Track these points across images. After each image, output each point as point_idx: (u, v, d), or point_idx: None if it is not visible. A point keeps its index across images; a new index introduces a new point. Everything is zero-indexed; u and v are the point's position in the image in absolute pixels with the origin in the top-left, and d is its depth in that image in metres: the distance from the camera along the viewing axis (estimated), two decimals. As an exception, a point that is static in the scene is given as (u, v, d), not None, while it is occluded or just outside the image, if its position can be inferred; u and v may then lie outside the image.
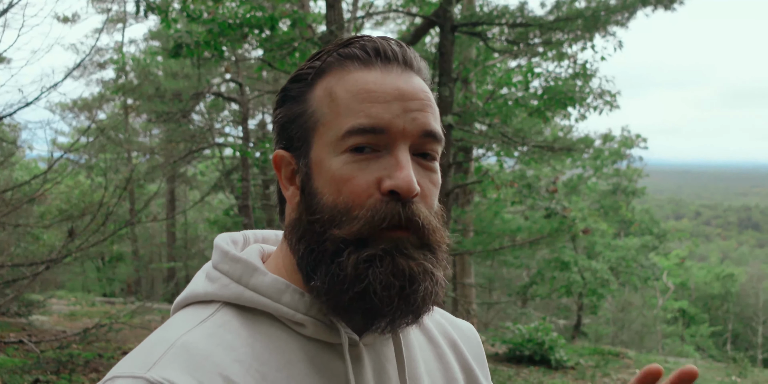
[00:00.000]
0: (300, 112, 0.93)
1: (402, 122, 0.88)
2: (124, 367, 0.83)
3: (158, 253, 24.66)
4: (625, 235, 25.44)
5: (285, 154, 0.95)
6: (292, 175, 0.95)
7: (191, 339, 0.86)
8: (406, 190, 0.85)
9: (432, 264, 0.89)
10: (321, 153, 0.90)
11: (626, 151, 22.72)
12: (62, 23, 9.20)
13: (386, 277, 0.85)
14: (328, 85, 0.91)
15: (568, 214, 14.43)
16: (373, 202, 0.86)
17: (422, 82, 0.94)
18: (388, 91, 0.89)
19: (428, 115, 0.91)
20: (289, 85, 0.96)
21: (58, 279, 18.29)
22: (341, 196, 0.87)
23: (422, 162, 0.91)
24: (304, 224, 0.91)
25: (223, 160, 19.77)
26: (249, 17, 8.13)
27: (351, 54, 0.92)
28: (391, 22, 15.63)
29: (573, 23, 9.78)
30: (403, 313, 0.88)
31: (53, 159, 8.69)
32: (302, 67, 0.96)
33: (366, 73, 0.90)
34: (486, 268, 21.92)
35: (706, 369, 13.20)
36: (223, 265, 0.96)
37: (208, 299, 0.94)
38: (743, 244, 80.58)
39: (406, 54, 0.93)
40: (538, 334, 11.91)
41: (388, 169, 0.87)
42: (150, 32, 19.21)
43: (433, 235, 0.90)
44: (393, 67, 0.91)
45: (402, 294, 0.86)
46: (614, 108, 12.38)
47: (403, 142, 0.88)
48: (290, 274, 0.95)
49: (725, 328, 33.28)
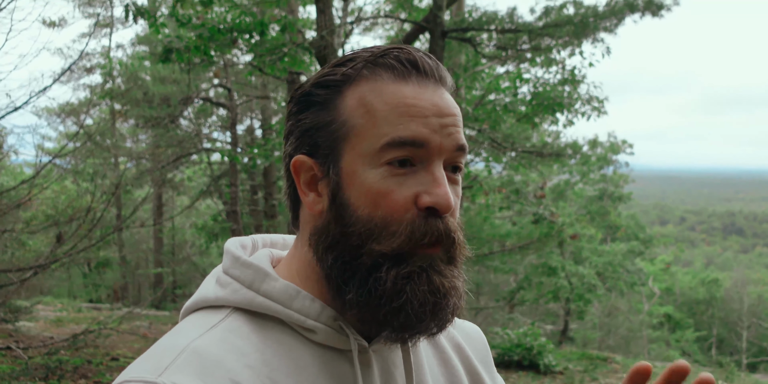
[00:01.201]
0: (329, 119, 0.92)
1: (439, 138, 0.89)
2: (135, 371, 0.83)
3: (145, 259, 24.52)
4: (611, 241, 25.56)
5: (307, 159, 0.94)
6: (311, 182, 0.94)
7: (202, 344, 0.86)
8: (445, 207, 0.87)
9: (458, 279, 0.91)
10: (354, 164, 0.90)
11: (612, 157, 22.84)
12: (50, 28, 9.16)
13: (423, 294, 0.87)
14: (361, 95, 0.91)
15: (556, 220, 14.49)
16: (410, 217, 0.87)
17: (452, 98, 0.95)
18: (427, 106, 0.90)
19: (460, 130, 0.93)
20: (314, 90, 0.94)
21: (45, 285, 18.14)
22: (379, 210, 0.88)
23: (451, 176, 0.93)
24: (335, 234, 0.90)
25: (211, 165, 19.70)
26: (238, 22, 8.12)
27: (386, 64, 0.91)
28: (379, 27, 15.67)
29: (562, 29, 9.85)
30: (430, 327, 0.90)
31: (40, 164, 8.63)
32: (327, 72, 0.95)
33: (403, 86, 0.90)
34: (474, 273, 21.94)
35: (693, 374, 13.26)
36: (234, 270, 0.96)
37: (219, 304, 0.94)
38: (727, 249, 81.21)
39: (440, 69, 0.94)
40: (526, 339, 11.94)
41: (425, 185, 0.88)
42: (137, 37, 19.13)
43: (461, 249, 0.92)
44: (428, 82, 0.92)
45: (435, 310, 0.88)
46: (602, 114, 12.45)
47: (439, 157, 0.90)
48: (303, 279, 0.95)
49: (710, 333, 33.48)
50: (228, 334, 0.89)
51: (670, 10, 9.79)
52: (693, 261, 58.68)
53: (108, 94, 15.67)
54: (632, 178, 26.30)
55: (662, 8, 9.62)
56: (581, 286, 18.14)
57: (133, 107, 16.50)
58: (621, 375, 12.08)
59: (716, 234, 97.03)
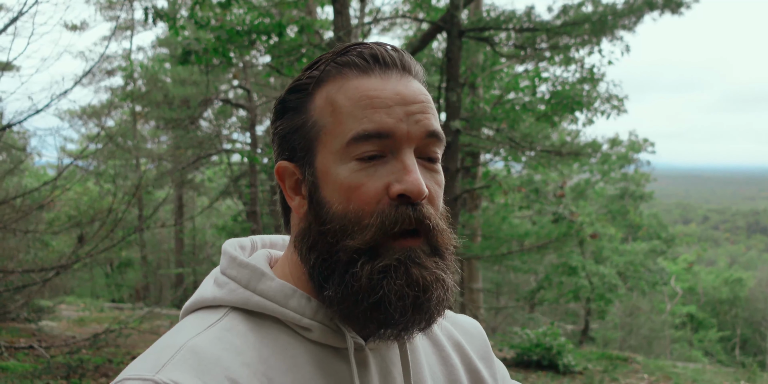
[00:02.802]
0: (301, 122, 0.94)
1: (405, 126, 0.89)
2: (134, 369, 0.85)
3: (166, 259, 24.69)
4: (633, 240, 25.34)
5: (288, 164, 0.95)
6: (296, 186, 0.96)
7: (199, 343, 0.87)
8: (416, 193, 0.86)
9: (443, 271, 0.90)
10: (327, 162, 0.91)
11: (634, 156, 22.65)
12: (71, 31, 9.24)
13: (401, 287, 0.86)
14: (328, 94, 0.92)
15: (576, 219, 14.40)
16: (382, 207, 0.87)
17: (420, 86, 0.95)
18: (389, 96, 0.90)
19: (430, 117, 0.92)
20: (287, 96, 0.97)
21: (67, 285, 18.32)
22: (351, 205, 0.88)
23: (426, 164, 0.92)
24: (315, 234, 0.91)
25: (231, 166, 19.80)
26: (257, 24, 8.16)
27: (348, 62, 0.92)
28: (398, 27, 15.66)
29: (580, 28, 9.79)
30: (417, 321, 0.89)
31: (62, 166, 8.73)
32: (299, 77, 0.96)
33: (365, 79, 0.91)
34: (493, 273, 21.87)
35: (715, 374, 13.13)
36: (231, 271, 0.97)
37: (216, 304, 0.96)
38: (752, 248, 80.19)
39: (403, 58, 0.94)
40: (546, 339, 11.88)
41: (395, 173, 0.88)
42: (158, 39, 19.26)
43: (441, 237, 0.91)
44: (392, 73, 0.92)
45: (416, 303, 0.87)
46: (622, 112, 12.36)
47: (408, 145, 0.89)
48: (297, 279, 0.96)
49: (734, 333, 33.08)
50: (225, 332, 0.90)
51: (689, 8, 9.70)
52: (716, 260, 58.01)
53: (129, 96, 15.81)
54: (654, 177, 26.03)
55: (681, 6, 9.54)
56: (602, 285, 17.99)
57: (154, 109, 16.64)
58: (641, 375, 11.99)
59: (740, 233, 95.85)
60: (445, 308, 0.91)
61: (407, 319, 0.88)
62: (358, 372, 0.94)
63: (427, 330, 0.92)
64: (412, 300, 0.86)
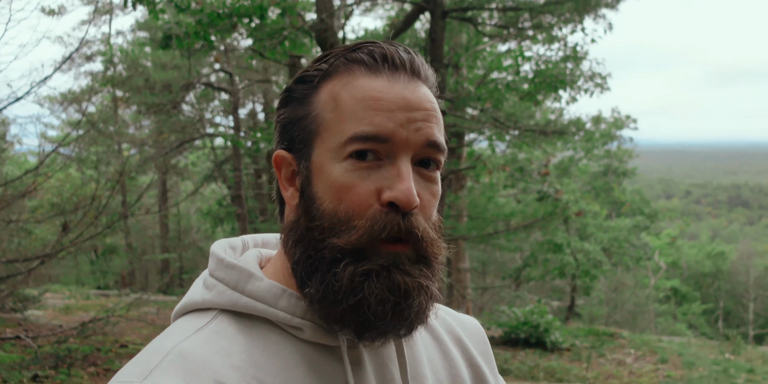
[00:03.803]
0: (303, 114, 0.92)
1: (405, 132, 0.87)
2: (123, 375, 0.84)
3: (151, 245, 24.61)
4: (616, 216, 25.53)
5: (286, 154, 0.94)
6: (291, 176, 0.95)
7: (188, 346, 0.86)
8: (405, 203, 0.85)
9: (427, 278, 0.89)
10: (322, 158, 0.89)
11: (616, 133, 22.73)
12: (49, 16, 9.10)
13: (381, 292, 0.85)
14: (333, 89, 0.91)
15: (561, 197, 14.47)
16: (372, 212, 0.86)
17: (428, 92, 0.93)
18: (394, 100, 0.88)
19: (432, 126, 0.90)
20: (293, 85, 0.95)
21: (52, 273, 18.25)
22: (342, 204, 0.87)
23: (423, 172, 0.91)
24: (302, 229, 0.90)
25: (214, 150, 19.69)
26: (237, 7, 8.06)
27: (358, 59, 0.91)
28: (379, 8, 15.54)
29: (563, 6, 9.76)
30: (396, 327, 0.88)
31: (44, 153, 8.62)
32: (308, 68, 0.95)
33: (373, 79, 0.89)
34: (479, 252, 22.00)
35: (699, 347, 13.33)
36: (219, 273, 0.96)
37: (206, 307, 0.95)
38: (733, 221, 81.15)
39: (414, 62, 0.92)
40: (533, 317, 11.99)
41: (389, 179, 0.87)
42: (137, 23, 19.01)
43: (431, 247, 0.89)
44: (400, 75, 0.91)
45: (396, 309, 0.86)
46: (605, 90, 12.40)
47: (406, 152, 0.88)
48: (287, 277, 0.94)
49: (717, 306, 33.57)
50: (214, 335, 0.89)
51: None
52: (699, 234, 58.66)
53: (109, 82, 15.62)
54: (637, 153, 26.17)
55: (664, -18, 9.51)
56: (587, 262, 18.14)
57: (135, 94, 16.45)
58: (628, 350, 12.15)
59: (722, 207, 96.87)
60: (428, 316, 0.90)
61: (386, 324, 0.87)
62: (353, 370, 0.93)
63: (406, 336, 0.91)
64: (392, 305, 0.85)
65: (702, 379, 9.79)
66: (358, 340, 0.91)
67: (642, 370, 10.55)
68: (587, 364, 10.44)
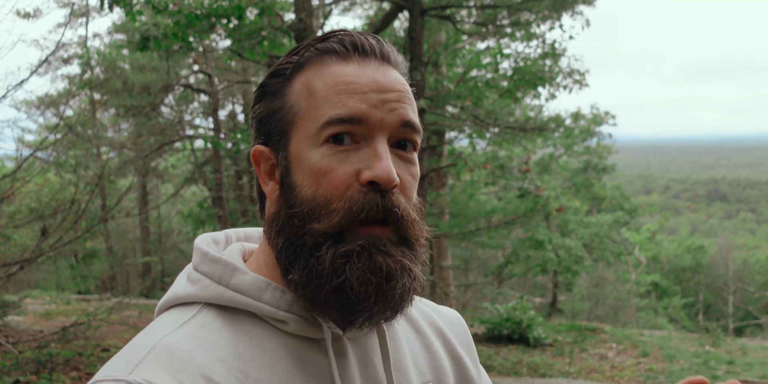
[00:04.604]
0: (278, 106, 0.94)
1: (380, 113, 0.89)
2: (107, 370, 0.84)
3: (132, 248, 24.40)
4: (597, 212, 25.69)
5: (264, 149, 0.95)
6: (271, 170, 0.95)
7: (173, 341, 0.87)
8: (385, 181, 0.86)
9: (410, 260, 0.89)
10: (300, 146, 0.91)
11: (596, 129, 22.86)
12: (24, 19, 9.00)
13: (363, 273, 0.86)
14: (306, 79, 0.92)
15: (542, 194, 14.55)
16: (351, 193, 0.87)
17: (399, 75, 0.95)
18: (366, 83, 0.90)
19: (406, 106, 0.92)
20: (267, 80, 0.97)
21: (32, 278, 18.06)
22: (320, 189, 0.88)
23: (401, 154, 0.92)
24: (283, 218, 0.91)
25: (194, 152, 19.57)
26: (215, 7, 8.02)
27: (329, 48, 0.93)
28: (358, 7, 15.53)
29: (541, 3, 9.82)
30: (381, 309, 0.89)
31: (21, 157, 8.53)
32: (280, 62, 0.96)
33: (344, 66, 0.91)
34: (461, 249, 22.03)
35: (680, 340, 13.45)
36: (203, 266, 0.97)
37: (190, 301, 0.95)
38: (712, 216, 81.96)
39: (383, 48, 0.95)
40: (515, 313, 12.05)
41: (367, 160, 0.88)
42: (114, 25, 18.83)
43: (412, 228, 0.91)
44: (370, 61, 0.93)
45: (379, 291, 0.86)
46: (584, 86, 12.47)
47: (381, 133, 0.89)
48: (271, 270, 0.95)
49: (697, 300, 33.86)
50: (199, 329, 0.89)
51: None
52: (678, 229, 59.19)
53: (87, 85, 15.45)
54: (616, 149, 26.31)
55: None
56: (568, 258, 18.24)
57: (113, 97, 16.30)
58: (610, 345, 12.24)
59: (700, 201, 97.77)
60: (412, 298, 0.91)
61: (370, 307, 0.87)
62: (337, 362, 0.93)
63: (392, 319, 0.92)
64: (375, 286, 0.86)
65: (683, 372, 9.89)
66: (346, 327, 0.93)
67: (624, 364, 10.64)
68: (570, 359, 10.51)
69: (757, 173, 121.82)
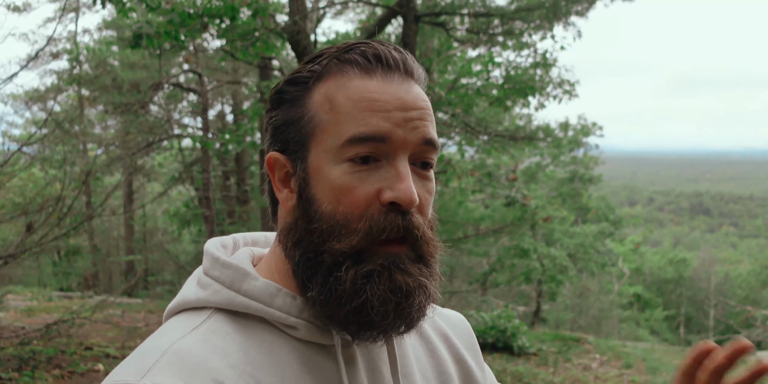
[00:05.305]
0: (298, 116, 0.93)
1: (403, 132, 0.88)
2: (118, 374, 0.84)
3: (116, 246, 24.25)
4: (582, 222, 25.82)
5: (280, 156, 0.95)
6: (286, 178, 0.95)
7: (184, 345, 0.86)
8: (407, 203, 0.86)
9: (426, 278, 0.90)
10: (319, 160, 0.90)
11: (583, 139, 23.00)
12: (14, 13, 8.93)
13: (384, 293, 0.86)
14: (327, 90, 0.91)
15: (529, 202, 14.60)
16: (371, 212, 0.87)
17: (421, 91, 0.94)
18: (390, 101, 0.89)
19: (428, 124, 0.91)
20: (285, 87, 0.96)
21: (14, 274, 17.88)
22: (341, 207, 0.88)
23: (420, 171, 0.92)
24: (301, 231, 0.91)
25: (182, 151, 19.50)
26: (209, 7, 7.99)
27: (351, 60, 0.92)
28: (350, 11, 15.54)
29: (533, 13, 9.87)
30: (396, 326, 0.89)
31: (7, 152, 8.47)
32: (299, 69, 0.95)
33: (367, 80, 0.90)
34: (447, 256, 22.03)
35: (663, 352, 13.52)
36: (214, 271, 0.96)
37: (200, 306, 0.95)
38: (695, 229, 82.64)
39: (407, 61, 0.94)
40: (500, 322, 12.05)
41: (388, 180, 0.88)
42: (104, 22, 18.75)
43: (428, 246, 0.91)
44: (394, 76, 0.92)
45: (398, 309, 0.87)
46: (573, 97, 12.54)
47: (403, 152, 0.89)
48: (283, 277, 0.95)
49: (678, 312, 34.10)
50: (210, 334, 0.89)
51: (640, -6, 9.84)
52: (661, 241, 59.64)
53: (75, 80, 15.35)
54: (602, 160, 26.50)
55: (633, -8, 9.68)
56: (553, 267, 18.32)
57: (102, 93, 16.23)
58: (593, 355, 12.27)
59: (684, 214, 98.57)
60: (425, 314, 0.92)
61: (388, 324, 0.88)
62: (346, 369, 0.94)
63: (406, 334, 0.92)
64: (394, 305, 0.87)
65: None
66: (359, 339, 0.92)
67: (607, 375, 10.67)
68: (554, 368, 10.53)
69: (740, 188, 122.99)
